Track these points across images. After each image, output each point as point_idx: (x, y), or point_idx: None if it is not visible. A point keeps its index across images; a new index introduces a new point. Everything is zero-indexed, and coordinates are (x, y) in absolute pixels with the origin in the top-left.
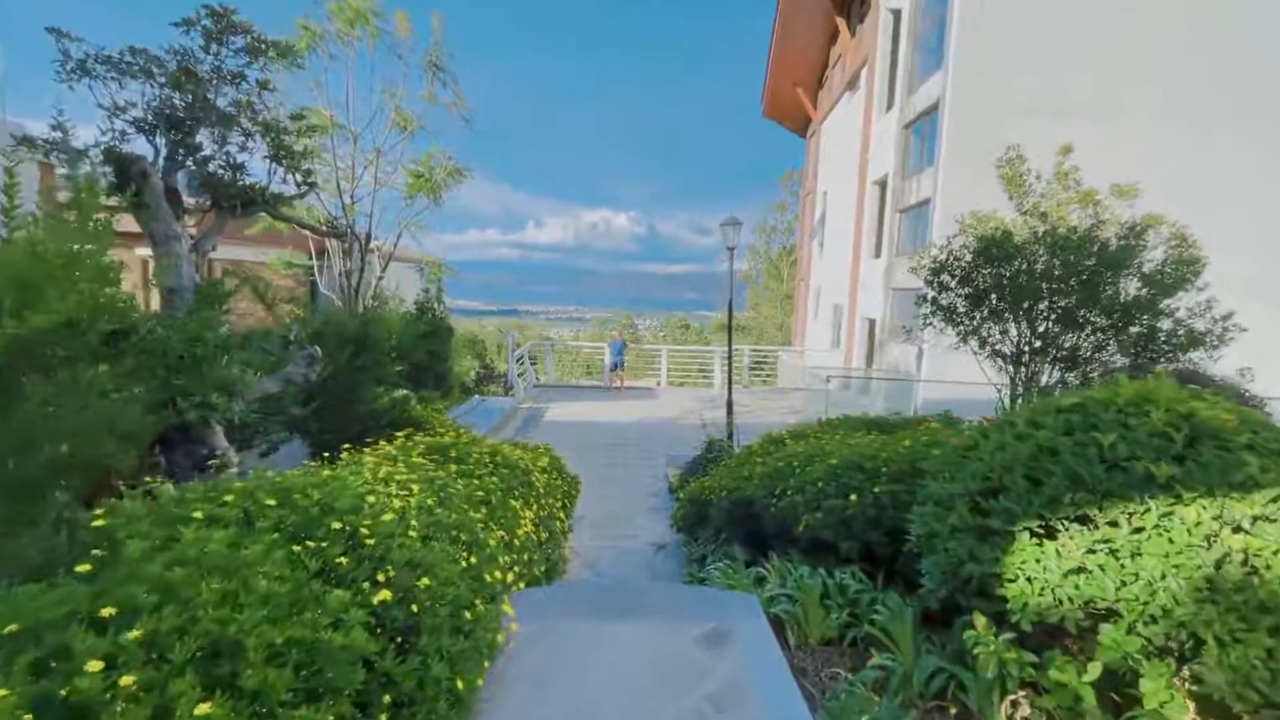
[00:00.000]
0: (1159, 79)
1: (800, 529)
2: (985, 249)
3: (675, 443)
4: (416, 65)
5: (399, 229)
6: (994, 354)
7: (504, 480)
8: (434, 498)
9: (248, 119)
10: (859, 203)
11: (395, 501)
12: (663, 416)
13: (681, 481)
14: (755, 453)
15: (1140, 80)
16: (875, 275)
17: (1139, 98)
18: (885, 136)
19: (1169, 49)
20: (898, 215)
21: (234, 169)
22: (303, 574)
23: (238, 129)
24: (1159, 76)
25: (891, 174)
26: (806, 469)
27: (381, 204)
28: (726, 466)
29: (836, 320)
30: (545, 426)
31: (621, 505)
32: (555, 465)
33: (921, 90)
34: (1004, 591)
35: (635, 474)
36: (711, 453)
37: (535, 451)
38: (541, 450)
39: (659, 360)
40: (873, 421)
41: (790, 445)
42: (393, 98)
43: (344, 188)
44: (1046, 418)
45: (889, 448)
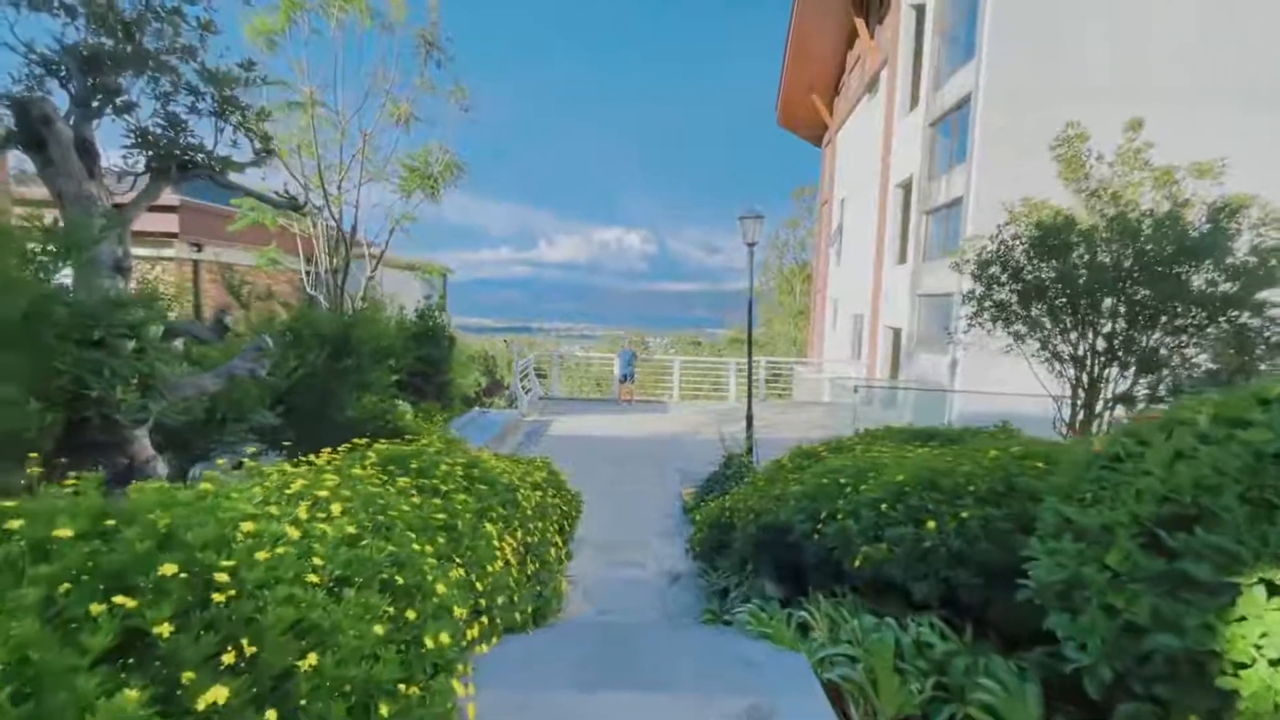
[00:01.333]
0: (1217, 55)
1: (855, 564)
2: (1042, 238)
3: (689, 458)
4: (409, 43)
5: (391, 225)
6: (1054, 357)
7: (480, 499)
8: (363, 523)
9: (186, 65)
10: (880, 208)
11: (292, 530)
12: (675, 430)
13: (697, 501)
14: (786, 468)
15: (1193, 56)
16: (900, 282)
17: (1193, 75)
18: (909, 137)
19: (1235, 18)
20: (924, 218)
21: (173, 126)
22: (72, 658)
23: (171, 76)
24: (1217, 53)
25: (917, 175)
26: (859, 487)
27: (373, 200)
28: (752, 485)
29: (857, 330)
30: (549, 440)
31: (630, 526)
32: (553, 481)
33: (950, 85)
34: (1229, 681)
35: (646, 491)
36: (730, 469)
37: (529, 464)
38: (537, 463)
39: (671, 373)
40: (922, 433)
41: (830, 460)
42: (384, 80)
43: (327, 176)
44: (1252, 411)
45: (967, 459)
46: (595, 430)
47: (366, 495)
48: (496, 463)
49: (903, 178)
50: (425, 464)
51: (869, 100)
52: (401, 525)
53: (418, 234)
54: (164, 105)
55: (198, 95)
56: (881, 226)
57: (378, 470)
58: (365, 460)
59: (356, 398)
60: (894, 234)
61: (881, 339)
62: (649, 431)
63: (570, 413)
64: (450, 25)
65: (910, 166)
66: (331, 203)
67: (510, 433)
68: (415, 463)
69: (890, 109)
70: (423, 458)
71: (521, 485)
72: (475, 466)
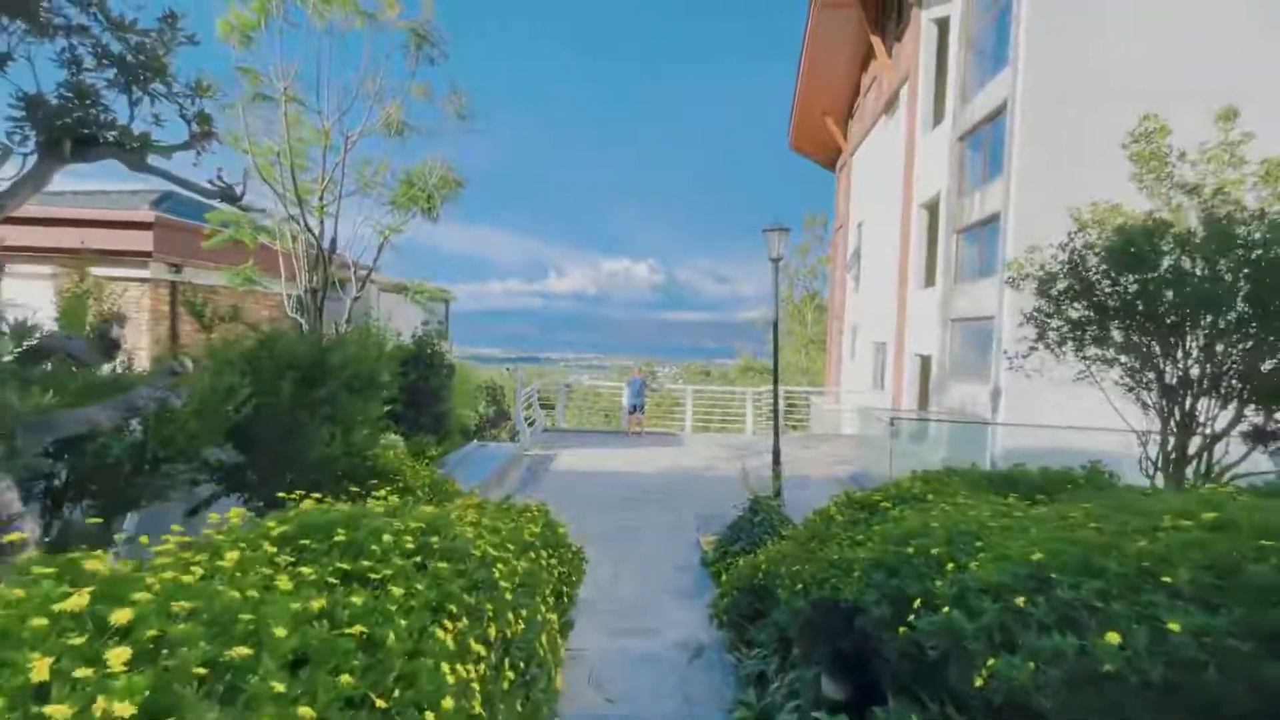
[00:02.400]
0: None
1: (978, 684)
2: (1124, 246)
3: (707, 499)
4: (400, 41)
5: (380, 241)
6: (1141, 385)
7: (437, 585)
8: (180, 670)
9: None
10: (903, 230)
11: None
12: (689, 466)
13: (719, 552)
14: (837, 522)
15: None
16: (928, 307)
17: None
18: (934, 154)
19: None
20: (954, 237)
21: (80, 96)
22: None
23: (80, 38)
24: None
25: (944, 193)
26: (963, 563)
27: (362, 214)
28: (794, 540)
29: (879, 359)
30: (552, 477)
31: (641, 583)
32: (549, 537)
33: (980, 96)
34: None
35: (658, 539)
36: (758, 514)
37: (521, 515)
38: (532, 512)
39: (683, 404)
40: (998, 477)
41: (899, 516)
42: (373, 84)
43: (307, 186)
44: None
45: (1134, 526)
46: (602, 465)
47: (223, 606)
48: (476, 518)
49: (928, 197)
50: (359, 537)
51: (886, 120)
52: (268, 667)
53: (425, 262)
54: (74, 73)
55: (119, 65)
56: (904, 249)
57: (282, 550)
58: (268, 533)
59: (336, 433)
60: (919, 256)
61: (908, 367)
62: (661, 467)
63: (576, 445)
64: (461, 57)
65: (936, 184)
66: (307, 212)
67: (511, 469)
68: (343, 534)
69: (912, 127)
70: (356, 528)
71: (503, 554)
72: (437, 532)
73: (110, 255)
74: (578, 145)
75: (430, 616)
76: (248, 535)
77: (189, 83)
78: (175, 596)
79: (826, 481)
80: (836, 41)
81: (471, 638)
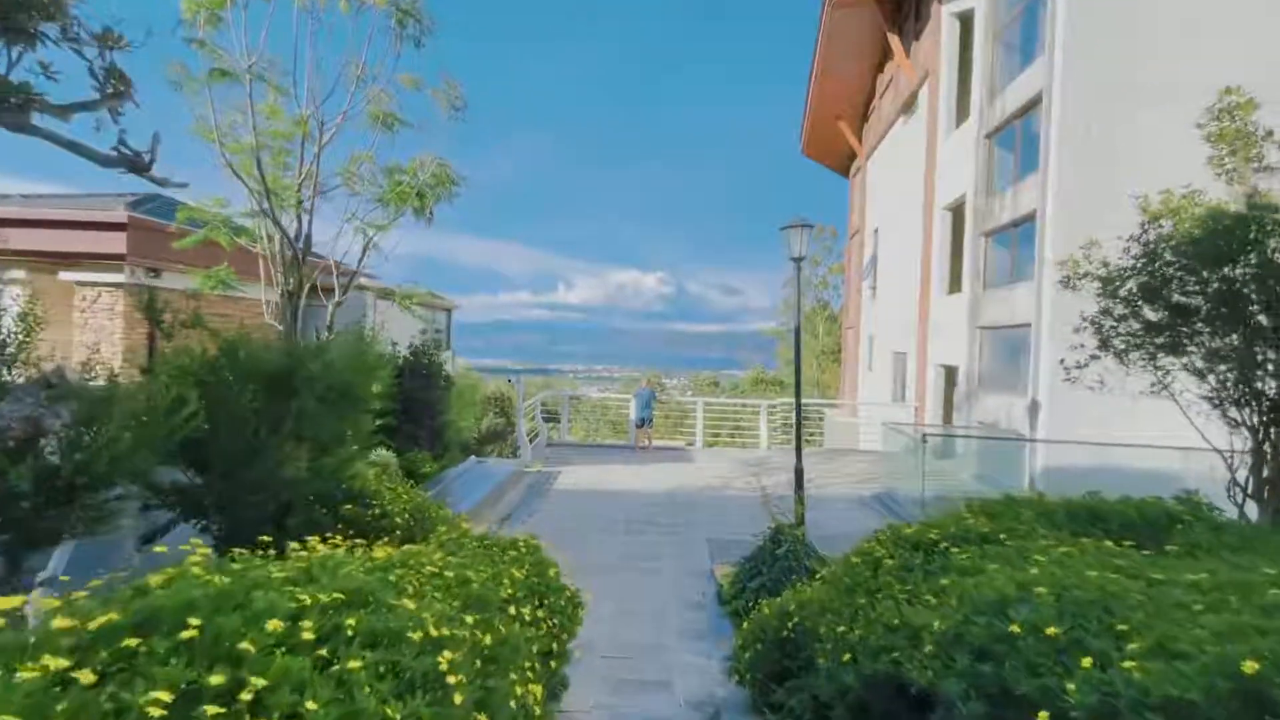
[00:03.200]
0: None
1: None
2: (1215, 235)
3: (721, 521)
4: (382, 25)
5: (365, 243)
6: (1230, 400)
7: (340, 707)
8: None
9: None
10: (925, 234)
11: None
12: (700, 484)
13: (737, 588)
14: (887, 568)
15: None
16: (953, 315)
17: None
18: (958, 154)
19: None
20: (983, 240)
21: None
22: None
23: None
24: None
25: (971, 194)
26: (1109, 656)
27: (346, 212)
28: (830, 585)
29: (898, 370)
30: (554, 498)
31: (648, 622)
32: (538, 586)
33: (1011, 89)
34: None
35: (668, 569)
36: (781, 545)
37: (505, 554)
38: (519, 549)
39: (693, 416)
40: (1080, 509)
41: (980, 569)
42: (356, 69)
43: (280, 178)
44: None
45: None
46: (608, 484)
47: None
48: (441, 563)
49: (951, 199)
50: (226, 628)
51: (905, 122)
52: None
53: (434, 274)
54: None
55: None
56: (927, 254)
57: (87, 662)
58: (81, 629)
59: (303, 453)
60: (942, 262)
61: (931, 379)
62: (670, 485)
63: (581, 461)
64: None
65: (961, 186)
66: (279, 207)
67: (510, 488)
68: (195, 626)
69: (933, 127)
70: (228, 611)
71: (458, 631)
72: (364, 605)
73: (83, 259)
74: (588, 160)
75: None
76: (42, 635)
77: (99, 31)
78: None
79: (850, 502)
80: (851, 42)
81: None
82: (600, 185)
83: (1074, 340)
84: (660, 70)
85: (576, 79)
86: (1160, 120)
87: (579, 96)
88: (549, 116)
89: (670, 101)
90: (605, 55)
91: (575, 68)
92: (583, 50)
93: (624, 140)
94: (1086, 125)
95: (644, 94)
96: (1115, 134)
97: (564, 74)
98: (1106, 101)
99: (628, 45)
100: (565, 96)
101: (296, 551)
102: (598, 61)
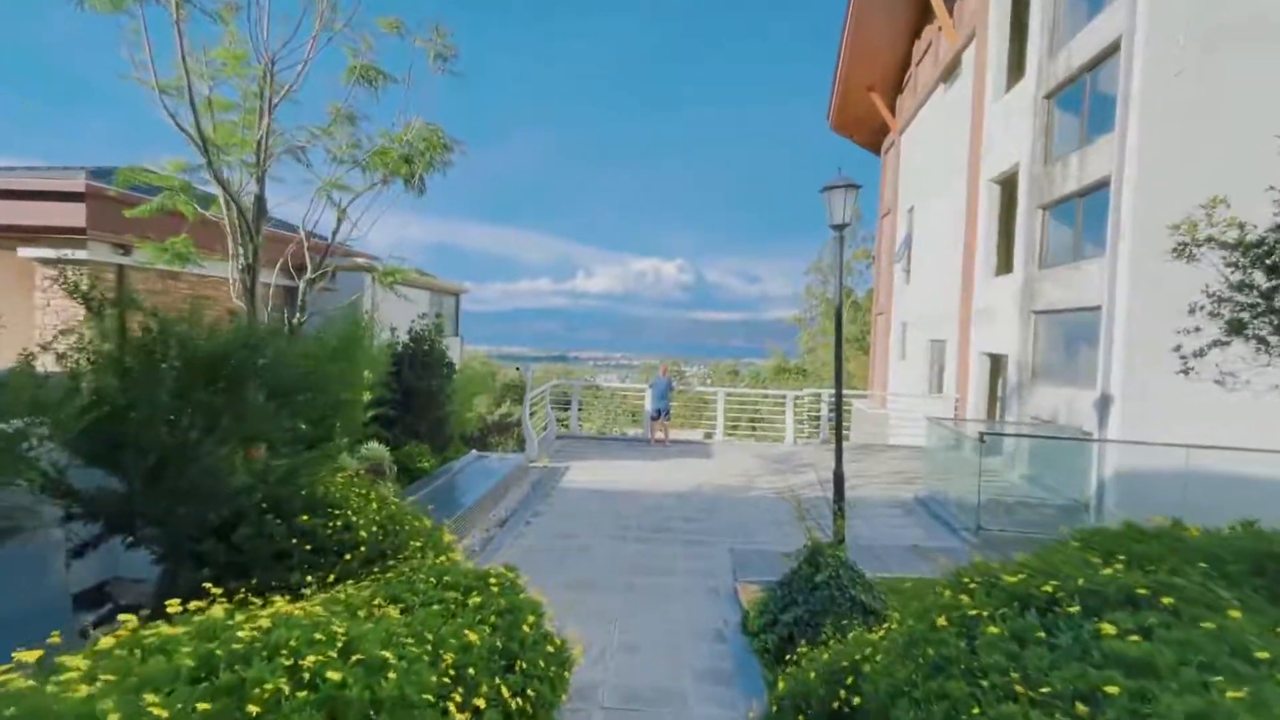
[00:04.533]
0: None
1: None
2: None
3: (746, 528)
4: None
5: (340, 209)
6: None
7: None
8: None
9: None
10: (970, 211)
11: None
12: (722, 484)
13: (767, 618)
14: (986, 638)
15: None
16: (1002, 298)
17: None
18: (1010, 119)
19: None
20: (1040, 214)
21: None
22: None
23: None
24: None
25: (1027, 162)
26: None
27: (325, 176)
28: (904, 652)
29: (934, 360)
30: (559, 497)
31: (660, 656)
32: (507, 646)
33: (1078, 41)
34: None
35: (683, 586)
36: (820, 570)
37: (467, 600)
38: (491, 590)
39: (713, 406)
40: (1241, 546)
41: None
42: (325, 5)
43: (233, 133)
44: None
45: None
46: (620, 482)
47: None
48: (392, 619)
49: (1000, 171)
50: None
51: (945, 90)
52: None
53: (454, 262)
54: None
55: None
56: (971, 233)
57: None
58: None
59: (222, 453)
60: (989, 240)
61: (974, 369)
62: (688, 484)
63: (592, 456)
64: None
65: (1013, 155)
66: (222, 165)
67: (512, 485)
68: None
69: (979, 92)
70: None
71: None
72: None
73: (41, 234)
74: (609, 151)
75: None
76: None
77: None
78: None
79: (890, 507)
80: (885, 6)
81: None
82: (621, 175)
83: (1169, 324)
84: (682, 58)
85: (597, 70)
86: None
87: (600, 88)
88: (569, 108)
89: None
90: (626, 44)
91: (596, 58)
92: (603, 40)
93: (645, 131)
94: (1176, 72)
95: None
96: (1213, 81)
97: (584, 66)
98: (1203, 43)
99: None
100: (586, 88)
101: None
102: (617, 52)
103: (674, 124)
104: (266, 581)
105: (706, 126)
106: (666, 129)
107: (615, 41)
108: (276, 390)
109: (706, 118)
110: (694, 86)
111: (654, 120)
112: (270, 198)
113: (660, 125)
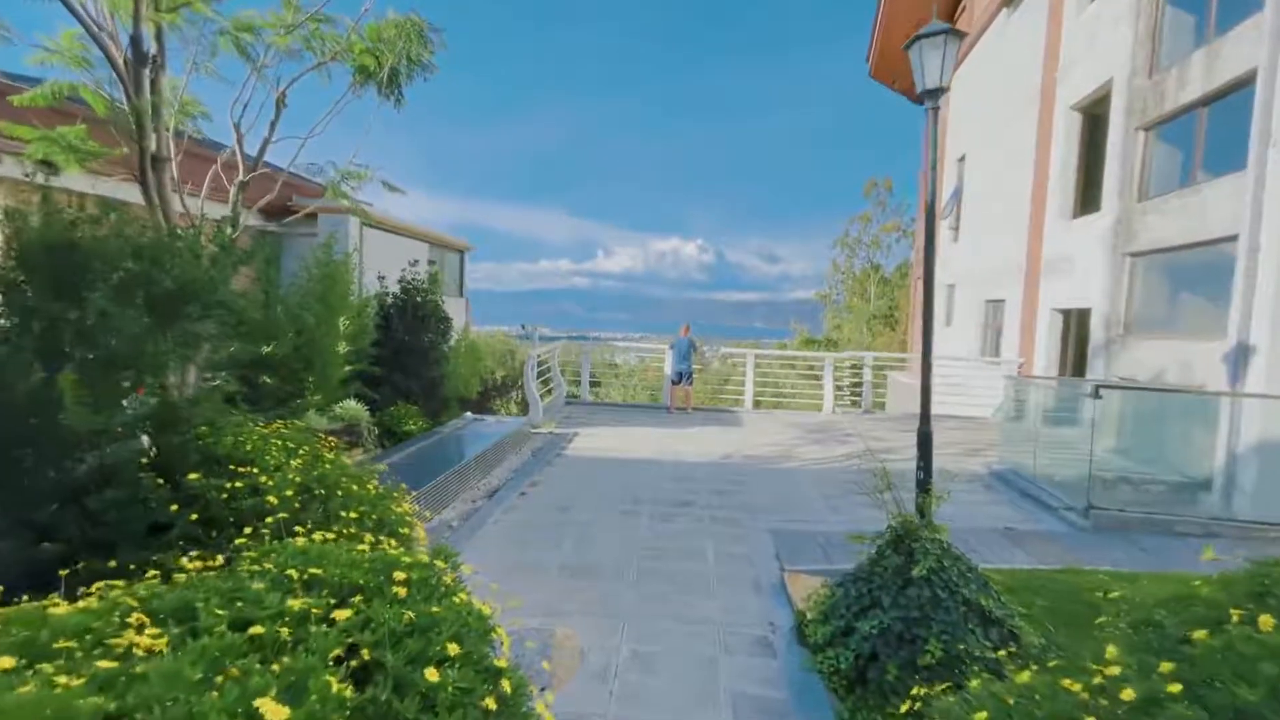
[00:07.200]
0: None
1: None
2: None
3: (788, 504)
4: None
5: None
6: None
7: None
8: None
9: None
10: (1040, 148)
11: None
12: (755, 454)
13: (835, 625)
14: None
15: None
16: (1083, 242)
17: None
18: (1099, 30)
19: None
20: (1142, 136)
21: None
22: None
23: None
24: None
25: (1124, 77)
26: None
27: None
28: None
29: (988, 322)
30: (562, 464)
31: (683, 682)
32: None
33: None
34: None
35: (713, 576)
36: (916, 559)
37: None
38: (394, 588)
39: (743, 371)
40: None
41: None
42: None
43: None
44: None
45: None
46: (635, 450)
47: None
48: None
49: (1084, 95)
50: None
51: (1008, 16)
52: None
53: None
54: None
55: None
56: (1041, 173)
57: None
58: None
59: (77, 406)
60: (1065, 177)
61: (1043, 329)
62: (716, 454)
63: (603, 422)
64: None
65: (1103, 73)
66: (110, 25)
67: (509, 450)
68: None
69: (1058, 6)
70: None
71: None
72: None
73: None
74: (629, 130)
75: None
76: None
77: None
78: None
79: (964, 482)
80: None
81: None
82: (641, 153)
83: None
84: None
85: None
86: None
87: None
88: (591, 84)
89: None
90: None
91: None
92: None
93: (665, 109)
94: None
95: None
96: None
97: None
98: None
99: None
100: (609, 64)
101: None
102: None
103: (695, 102)
104: (135, 562)
105: (728, 106)
106: (688, 107)
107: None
108: (159, 302)
109: (728, 96)
110: (716, 56)
111: (676, 99)
112: (209, 104)
113: (682, 103)
